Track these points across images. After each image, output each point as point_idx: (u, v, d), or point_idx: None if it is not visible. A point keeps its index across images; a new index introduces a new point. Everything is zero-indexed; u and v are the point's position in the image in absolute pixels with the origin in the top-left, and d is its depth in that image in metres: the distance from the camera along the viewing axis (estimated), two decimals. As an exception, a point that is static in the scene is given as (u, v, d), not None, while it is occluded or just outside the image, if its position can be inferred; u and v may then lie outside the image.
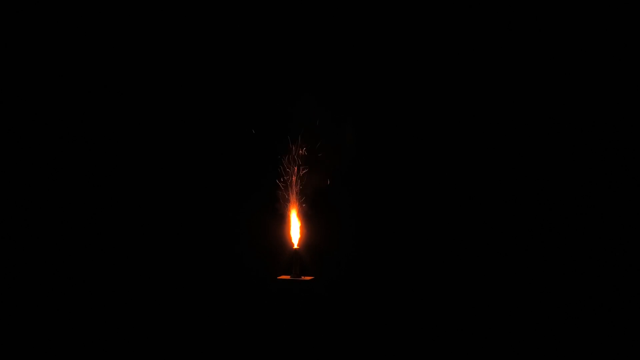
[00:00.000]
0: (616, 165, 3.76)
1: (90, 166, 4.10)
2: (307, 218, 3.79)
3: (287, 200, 3.78)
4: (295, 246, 3.70)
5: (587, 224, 3.78)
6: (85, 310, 4.00)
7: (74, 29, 4.09)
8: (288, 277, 3.62)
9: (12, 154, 4.06)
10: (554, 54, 3.83)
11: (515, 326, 3.78)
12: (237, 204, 4.03)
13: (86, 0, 4.08)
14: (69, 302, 4.01)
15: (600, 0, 3.76)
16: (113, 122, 4.11)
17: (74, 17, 4.09)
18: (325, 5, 4.02)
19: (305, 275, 3.63)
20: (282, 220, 3.79)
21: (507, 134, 3.90)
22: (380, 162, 4.02)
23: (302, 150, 3.81)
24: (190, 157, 4.10)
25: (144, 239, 4.08)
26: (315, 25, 4.02)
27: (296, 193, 3.78)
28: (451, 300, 3.87)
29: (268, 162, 3.86)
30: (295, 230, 3.74)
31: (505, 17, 3.87)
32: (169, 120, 4.11)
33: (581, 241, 3.78)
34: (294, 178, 3.78)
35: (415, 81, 3.99)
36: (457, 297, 3.87)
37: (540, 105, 3.86)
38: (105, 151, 4.11)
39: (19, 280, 4.01)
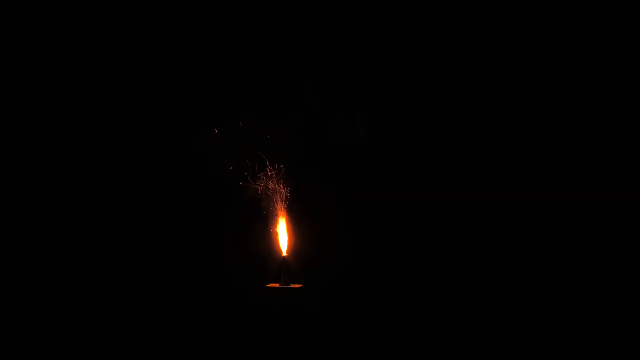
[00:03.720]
0: (616, 165, 3.74)
1: (71, 173, 4.06)
2: (296, 225, 3.69)
3: (275, 207, 3.69)
4: (284, 254, 3.60)
5: (586, 223, 3.75)
6: (73, 315, 3.95)
7: (74, 29, 4.08)
8: (277, 285, 3.52)
9: (12, 154, 4.04)
10: (555, 54, 3.81)
11: (511, 335, 3.72)
12: (224, 210, 3.95)
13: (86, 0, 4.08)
14: (56, 307, 3.97)
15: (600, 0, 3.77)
16: (97, 130, 4.08)
17: (74, 17, 4.07)
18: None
19: (294, 283, 3.53)
20: (270, 227, 3.69)
21: (505, 135, 3.87)
22: (370, 165, 3.96)
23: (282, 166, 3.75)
24: (176, 164, 4.05)
25: (131, 247, 4.02)
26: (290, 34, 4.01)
27: (284, 199, 3.69)
28: (444, 307, 3.80)
29: (255, 168, 3.78)
30: (283, 237, 3.64)
31: (505, 16, 3.86)
32: (156, 126, 4.07)
33: (581, 241, 3.74)
34: (281, 186, 3.70)
35: (407, 83, 3.95)
36: (451, 304, 3.80)
37: (539, 105, 3.84)
38: (93, 157, 4.08)
39: (17, 280, 3.99)
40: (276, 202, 3.69)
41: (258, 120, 3.93)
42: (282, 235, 3.65)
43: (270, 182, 3.69)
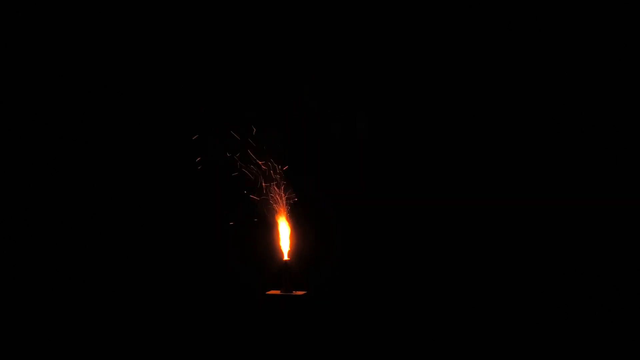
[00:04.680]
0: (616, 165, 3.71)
1: (72, 173, 4.07)
2: (298, 226, 3.60)
3: (276, 208, 3.62)
4: (285, 257, 3.51)
5: (586, 223, 3.73)
6: (74, 315, 3.96)
7: (74, 29, 4.06)
8: (278, 292, 3.43)
9: (12, 154, 4.06)
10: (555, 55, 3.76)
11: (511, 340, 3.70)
12: (223, 213, 3.89)
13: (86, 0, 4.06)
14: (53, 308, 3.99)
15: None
16: (98, 130, 4.08)
17: (74, 17, 4.06)
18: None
19: (296, 290, 3.45)
20: (270, 229, 3.61)
21: (504, 136, 3.84)
22: (372, 167, 3.95)
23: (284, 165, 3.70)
24: (176, 167, 4.02)
25: (130, 251, 4.02)
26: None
27: (285, 200, 3.62)
28: (448, 311, 3.77)
29: (254, 170, 3.73)
30: (285, 240, 3.55)
31: (504, 16, 3.81)
32: (156, 129, 4.06)
33: (581, 240, 3.73)
34: (281, 185, 3.65)
35: (406, 85, 3.91)
36: (454, 308, 3.78)
37: (539, 105, 3.80)
38: (94, 158, 4.09)
39: (17, 280, 4.02)
40: (278, 203, 3.63)
41: (258, 120, 3.90)
42: (284, 237, 3.56)
43: (269, 182, 3.67)
